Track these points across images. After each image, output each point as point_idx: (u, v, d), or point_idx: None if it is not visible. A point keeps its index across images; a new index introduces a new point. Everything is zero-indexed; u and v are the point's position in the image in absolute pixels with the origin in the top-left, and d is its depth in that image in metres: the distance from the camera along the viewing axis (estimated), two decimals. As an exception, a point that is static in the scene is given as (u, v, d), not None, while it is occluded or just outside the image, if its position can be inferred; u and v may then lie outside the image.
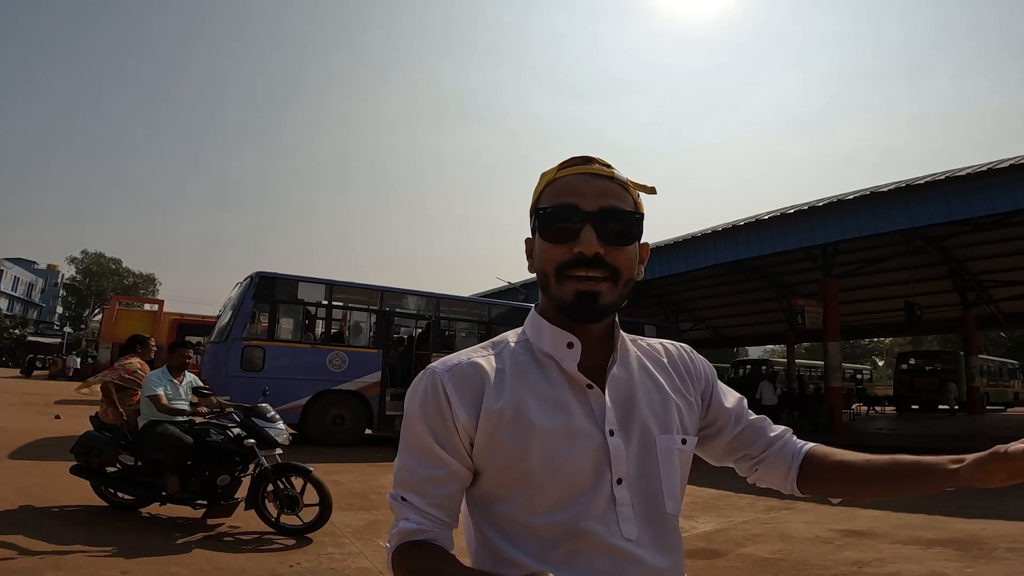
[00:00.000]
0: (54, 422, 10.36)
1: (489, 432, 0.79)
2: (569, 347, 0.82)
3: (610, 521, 0.78)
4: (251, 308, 9.15)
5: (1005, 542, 4.17)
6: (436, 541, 0.78)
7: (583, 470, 0.79)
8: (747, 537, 4.63)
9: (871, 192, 10.43)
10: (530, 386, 0.81)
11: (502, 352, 0.86)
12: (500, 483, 0.80)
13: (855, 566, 3.80)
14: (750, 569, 3.81)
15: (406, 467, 0.81)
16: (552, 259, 0.80)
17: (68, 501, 4.73)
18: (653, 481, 0.82)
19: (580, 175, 0.82)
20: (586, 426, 0.80)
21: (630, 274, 0.82)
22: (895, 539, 4.45)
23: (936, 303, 20.90)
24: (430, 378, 0.82)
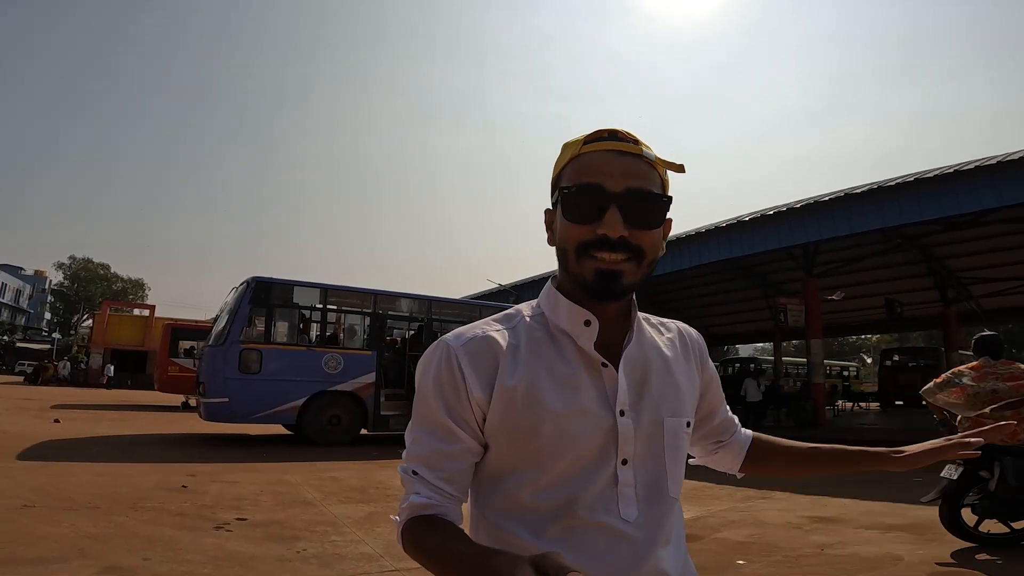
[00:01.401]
0: (54, 426, 10.53)
1: (502, 409, 0.79)
2: (586, 325, 0.81)
3: (610, 501, 0.79)
4: (248, 312, 9.37)
5: (958, 525, 4.49)
6: (446, 515, 0.79)
7: (589, 450, 0.79)
8: (723, 523, 4.94)
9: (845, 193, 10.83)
10: (544, 364, 0.81)
11: (516, 327, 0.85)
12: (508, 459, 0.81)
13: (818, 548, 4.12)
14: (723, 551, 4.11)
15: (418, 441, 0.81)
16: (574, 238, 0.79)
17: (79, 496, 4.96)
18: (658, 464, 0.83)
19: (607, 152, 0.79)
20: (597, 405, 0.80)
21: (654, 254, 0.81)
22: (859, 524, 4.78)
23: (917, 300, 21.41)
24: (444, 351, 0.81)
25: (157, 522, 4.29)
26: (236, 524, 4.35)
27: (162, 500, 5.01)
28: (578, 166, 0.80)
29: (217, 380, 9.04)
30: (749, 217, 12.55)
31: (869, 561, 3.74)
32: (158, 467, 6.72)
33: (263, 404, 9.14)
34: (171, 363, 17.86)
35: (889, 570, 3.54)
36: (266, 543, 3.94)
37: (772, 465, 1.03)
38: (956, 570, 3.48)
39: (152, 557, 3.45)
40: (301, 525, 4.43)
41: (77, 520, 4.20)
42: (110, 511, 4.52)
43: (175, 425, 12.11)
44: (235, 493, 5.49)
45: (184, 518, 4.46)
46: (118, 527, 4.09)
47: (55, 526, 4.01)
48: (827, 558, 3.87)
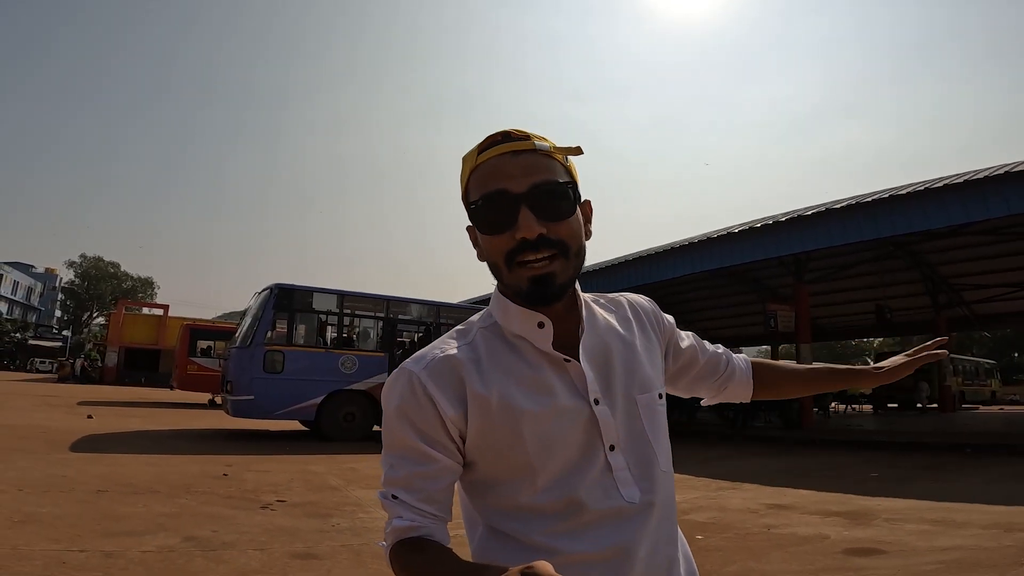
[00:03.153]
0: (89, 421, 11.40)
1: (479, 424, 0.80)
2: (540, 327, 0.82)
3: (609, 487, 0.80)
4: (272, 316, 10.24)
5: (888, 514, 5.26)
6: (431, 536, 0.79)
7: (576, 444, 0.80)
8: (693, 508, 5.73)
9: (827, 208, 11.61)
10: (509, 371, 0.82)
11: (473, 340, 0.85)
12: (498, 470, 0.81)
13: (765, 528, 4.90)
14: (686, 529, 4.74)
15: (394, 466, 0.81)
16: (498, 249, 0.80)
17: (139, 482, 5.78)
18: (643, 442, 0.85)
19: (502, 156, 0.80)
20: (572, 401, 0.81)
21: (578, 243, 0.81)
22: (806, 511, 5.56)
23: (909, 305, 22.08)
24: (406, 378, 0.81)
25: (212, 503, 5.12)
26: (278, 505, 5.17)
27: (209, 486, 5.84)
28: (479, 177, 0.81)
29: (244, 379, 9.90)
30: (739, 229, 13.32)
31: (801, 539, 4.52)
32: (197, 458, 7.56)
33: (285, 401, 9.99)
34: (190, 362, 18.76)
35: (813, 545, 4.32)
36: (305, 519, 4.76)
37: (778, 388, 1.12)
38: (865, 547, 4.26)
39: (219, 529, 4.27)
40: (331, 505, 5.25)
41: (147, 502, 5.03)
42: (170, 495, 5.35)
43: (199, 421, 12.99)
44: (270, 480, 6.32)
45: (233, 500, 5.29)
46: (182, 507, 4.92)
47: (131, 507, 4.84)
48: (770, 536, 4.66)
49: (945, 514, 5.15)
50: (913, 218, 10.57)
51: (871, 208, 11.07)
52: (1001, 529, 4.57)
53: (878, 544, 4.27)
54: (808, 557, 4.01)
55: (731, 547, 4.33)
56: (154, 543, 3.86)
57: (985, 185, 9.82)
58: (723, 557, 4.06)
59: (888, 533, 4.60)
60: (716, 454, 10.52)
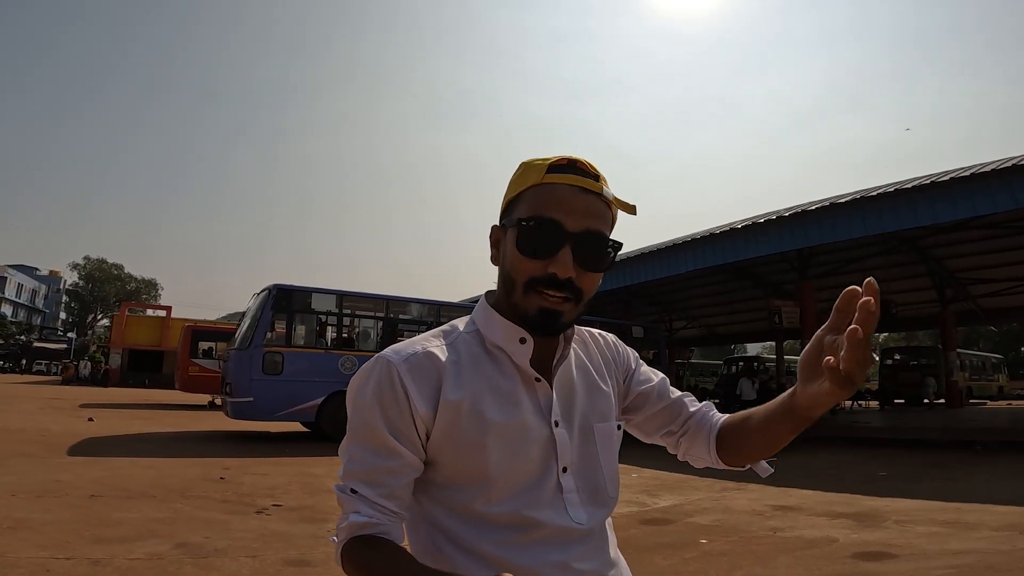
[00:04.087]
0: (90, 424, 11.34)
1: (447, 424, 0.80)
2: (522, 343, 0.84)
3: (559, 507, 0.82)
4: (270, 317, 10.15)
5: (897, 515, 5.14)
6: (387, 535, 0.78)
7: (533, 460, 0.82)
8: (696, 510, 5.62)
9: (831, 203, 11.45)
10: (485, 379, 0.83)
11: (455, 342, 0.86)
12: (456, 474, 0.82)
13: (771, 531, 4.79)
14: (689, 532, 4.79)
15: (356, 458, 0.80)
16: (525, 271, 0.80)
17: (135, 487, 5.70)
18: (595, 468, 0.87)
19: (570, 187, 0.80)
20: (535, 419, 0.84)
21: (591, 295, 0.84)
22: (812, 512, 5.44)
23: (915, 300, 21.86)
24: (385, 367, 0.81)
25: (207, 508, 5.04)
26: (273, 509, 5.08)
27: (206, 490, 5.76)
28: (539, 195, 0.81)
29: (243, 381, 9.82)
30: (742, 224, 13.17)
31: (808, 542, 4.41)
32: (195, 461, 7.48)
33: (285, 403, 9.91)
34: (191, 363, 18.71)
35: (822, 549, 4.20)
36: (301, 524, 4.67)
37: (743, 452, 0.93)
38: (875, 550, 4.14)
39: (211, 535, 4.18)
40: (328, 509, 5.15)
41: (141, 507, 4.95)
42: (165, 499, 5.27)
43: (201, 423, 12.93)
44: (267, 484, 6.23)
45: (229, 504, 5.21)
46: (176, 512, 4.83)
47: (125, 512, 4.76)
48: (776, 539, 4.54)
49: (956, 515, 5.03)
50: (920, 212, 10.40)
51: (877, 202, 10.91)
52: (1016, 531, 4.45)
53: (888, 547, 4.15)
54: (815, 562, 3.90)
55: (736, 551, 4.22)
56: (144, 550, 3.78)
57: (991, 178, 9.67)
58: (729, 562, 3.95)
59: (898, 535, 4.48)
60: (721, 453, 10.40)
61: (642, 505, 5.89)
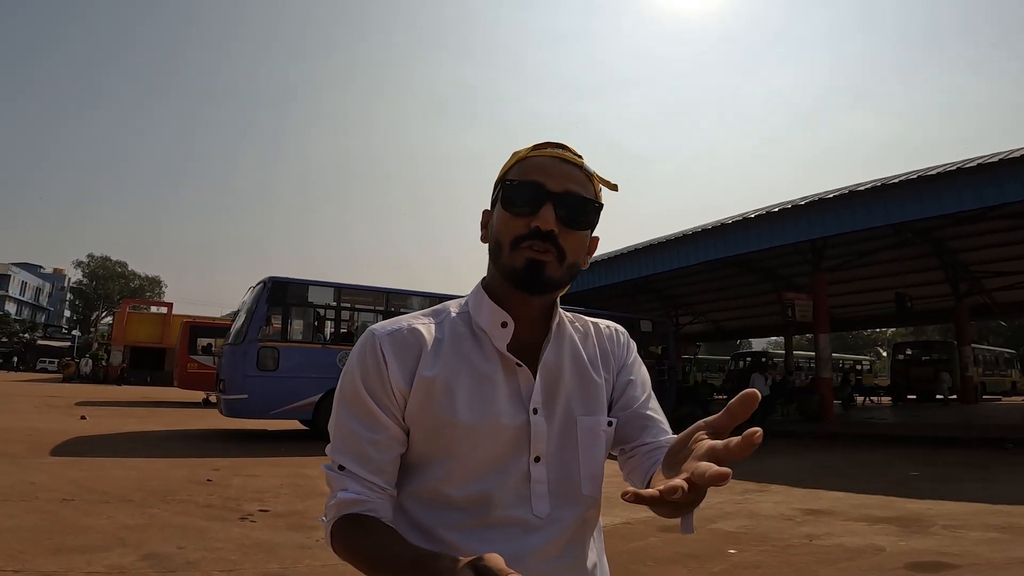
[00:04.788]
0: (81, 422, 10.97)
1: (420, 398, 0.81)
2: (503, 326, 0.84)
3: (523, 497, 0.81)
4: (265, 311, 9.71)
5: (943, 520, 4.70)
6: (376, 512, 0.79)
7: (502, 445, 0.81)
8: (719, 515, 5.18)
9: (850, 191, 10.96)
10: (463, 358, 0.84)
11: (443, 321, 0.88)
12: (424, 450, 0.82)
13: (806, 539, 4.34)
14: (715, 540, 4.35)
15: (343, 431, 0.81)
16: (510, 231, 0.83)
17: (113, 490, 5.30)
18: (571, 462, 0.85)
19: (552, 158, 0.85)
20: (510, 404, 0.83)
21: (575, 258, 0.85)
22: (848, 517, 4.99)
23: (929, 294, 21.36)
24: (370, 340, 0.83)
25: (187, 513, 4.62)
26: (259, 515, 4.66)
27: (190, 493, 5.34)
28: (524, 167, 0.85)
29: (236, 377, 9.39)
30: (755, 214, 12.70)
31: (852, 551, 3.96)
32: (184, 462, 7.08)
33: (281, 400, 9.48)
34: (190, 360, 18.33)
35: (869, 560, 3.76)
36: (287, 532, 4.25)
37: None
38: (930, 560, 3.70)
39: (186, 545, 3.76)
40: (319, 515, 4.73)
41: (114, 512, 4.54)
42: (144, 503, 4.85)
43: (196, 421, 12.54)
44: (257, 486, 5.82)
45: (212, 509, 4.79)
46: (152, 518, 4.42)
47: (95, 518, 4.34)
48: (813, 548, 4.10)
49: (1009, 519, 4.58)
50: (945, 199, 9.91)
51: (900, 189, 10.43)
52: (1081, 537, 4.00)
53: (943, 556, 3.71)
54: (865, 575, 3.45)
55: (771, 563, 3.78)
56: (106, 562, 3.36)
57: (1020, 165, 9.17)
58: (764, 575, 3.51)
59: (951, 543, 4.03)
60: (736, 451, 9.95)
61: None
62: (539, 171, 0.84)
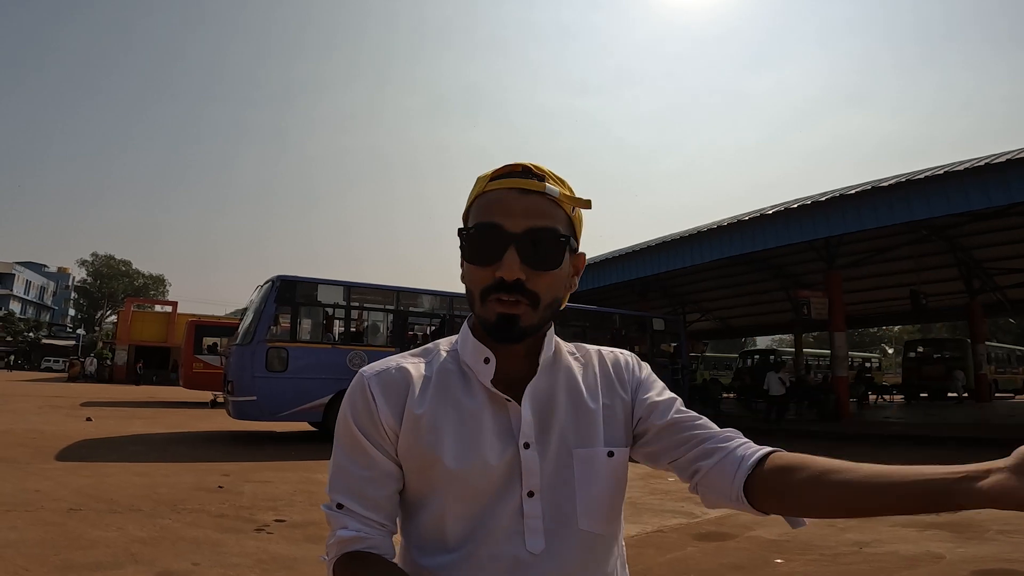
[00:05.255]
0: (87, 424, 10.77)
1: (409, 436, 0.80)
2: (486, 362, 0.83)
3: (515, 534, 0.78)
4: (273, 311, 9.49)
5: (997, 524, 4.46)
6: (376, 549, 0.78)
7: (492, 481, 0.79)
8: (755, 522, 4.92)
9: (872, 187, 10.68)
10: (450, 396, 0.83)
11: (431, 360, 0.87)
12: (417, 488, 0.82)
13: (855, 547, 4.11)
14: (757, 549, 4.12)
15: (340, 470, 0.81)
16: (478, 282, 0.80)
17: (121, 498, 5.08)
18: (567, 495, 0.81)
19: (509, 190, 0.79)
20: (499, 439, 0.81)
21: (552, 297, 0.81)
22: (894, 522, 4.75)
23: (942, 291, 21.07)
24: (359, 381, 0.83)
25: (199, 524, 4.40)
26: (275, 526, 4.44)
27: (201, 502, 5.13)
28: (481, 204, 0.81)
29: (245, 378, 9.18)
30: (772, 210, 12.43)
31: (909, 559, 3.73)
32: (193, 467, 6.86)
33: (290, 402, 9.27)
34: (196, 360, 18.14)
35: (930, 568, 3.53)
36: (307, 544, 4.02)
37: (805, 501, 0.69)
38: (996, 568, 3.46)
39: (201, 561, 3.54)
40: (338, 526, 4.51)
41: (124, 523, 4.32)
42: (153, 513, 4.64)
43: (204, 422, 12.34)
44: (269, 493, 5.60)
45: (225, 520, 4.57)
46: (163, 530, 4.20)
47: (104, 530, 4.12)
48: (865, 556, 3.87)
49: (1067, 528, 4.33)
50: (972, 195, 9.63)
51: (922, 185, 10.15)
52: None
53: (1010, 564, 3.49)
54: (931, 592, 3.22)
55: (824, 573, 3.55)
56: (117, 583, 3.14)
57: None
58: (821, 592, 3.28)
59: (1012, 549, 3.80)
60: (756, 452, 9.71)
61: (690, 516, 5.22)
62: (496, 210, 0.79)
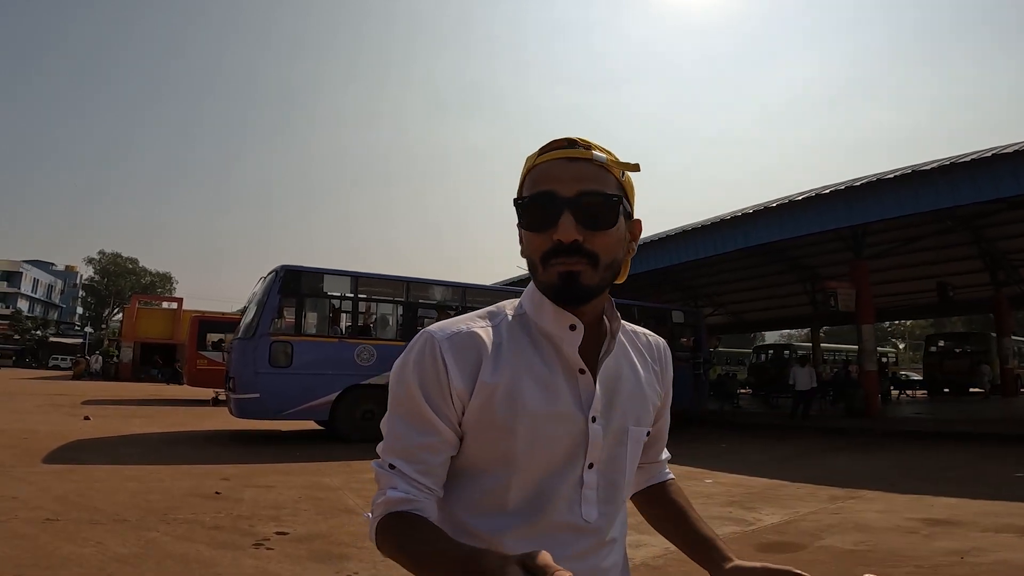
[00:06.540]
0: (84, 424, 10.28)
1: (481, 404, 0.79)
2: (572, 329, 0.82)
3: (574, 503, 0.81)
4: (277, 302, 8.94)
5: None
6: (422, 511, 0.77)
7: (561, 452, 0.81)
8: (821, 528, 4.37)
9: (913, 170, 10.01)
10: (526, 364, 0.81)
11: (500, 324, 0.85)
12: (481, 455, 0.81)
13: (954, 556, 3.53)
14: (836, 561, 3.55)
15: (396, 433, 0.80)
16: (536, 248, 0.80)
17: (107, 506, 4.56)
18: (619, 469, 0.86)
19: (558, 160, 0.80)
20: (572, 410, 0.81)
21: (611, 257, 0.81)
22: (984, 527, 4.18)
23: (966, 283, 20.36)
24: (428, 342, 0.80)
25: (191, 538, 3.85)
26: (276, 540, 3.88)
27: (195, 510, 4.58)
28: (533, 177, 0.82)
29: (247, 375, 8.64)
30: (802, 196, 11.77)
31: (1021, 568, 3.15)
32: (190, 469, 6.33)
33: (295, 399, 8.73)
34: (199, 356, 17.65)
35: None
36: (312, 563, 3.47)
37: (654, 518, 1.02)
38: None
39: (188, 584, 2.99)
40: (347, 539, 3.95)
41: (104, 536, 3.78)
42: (140, 525, 4.09)
43: (205, 421, 11.84)
44: (272, 500, 5.06)
45: (220, 532, 4.01)
46: (149, 545, 3.65)
47: (80, 545, 3.59)
48: (971, 568, 3.30)
49: None
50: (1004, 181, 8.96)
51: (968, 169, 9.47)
52: None
53: None
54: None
55: (931, 603, 2.97)
56: (83, 617, 2.59)
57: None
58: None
59: None
60: (792, 451, 9.12)
61: (744, 523, 4.64)
62: (548, 179, 0.80)
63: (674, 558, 3.79)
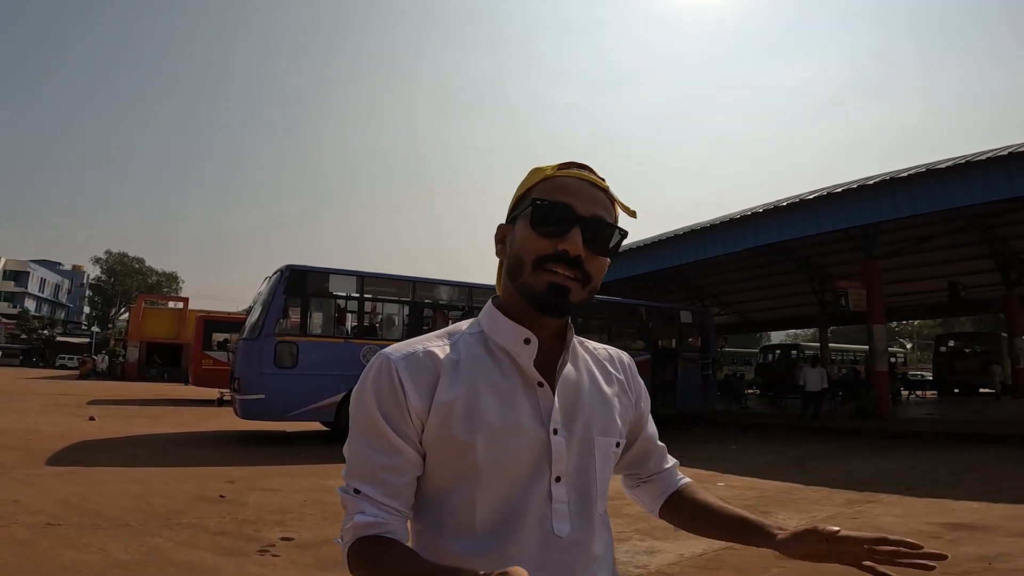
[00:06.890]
0: (89, 424, 10.23)
1: (440, 421, 0.79)
2: (526, 343, 0.82)
3: (545, 518, 0.80)
4: (283, 302, 8.87)
5: None
6: (392, 534, 0.77)
7: (524, 466, 0.80)
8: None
9: (927, 169, 9.86)
10: (484, 378, 0.82)
11: (457, 343, 0.85)
12: (443, 473, 0.80)
13: (982, 562, 3.42)
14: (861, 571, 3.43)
15: (358, 455, 0.80)
16: (534, 250, 0.81)
17: (109, 510, 4.48)
18: (589, 481, 0.84)
19: (579, 179, 0.83)
20: (532, 423, 0.81)
21: (597, 282, 0.83)
22: (1009, 532, 4.06)
23: (977, 283, 20.15)
24: (384, 364, 0.81)
25: (195, 544, 3.76)
26: (282, 546, 3.79)
27: (199, 514, 4.50)
28: (552, 185, 0.83)
29: (252, 375, 8.57)
30: (813, 195, 11.64)
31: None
32: (194, 472, 6.24)
33: (300, 400, 8.65)
34: (205, 356, 17.61)
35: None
36: (318, 572, 3.38)
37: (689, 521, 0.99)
38: None
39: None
40: (356, 545, 3.86)
41: (106, 542, 3.69)
42: (143, 530, 4.00)
43: (210, 422, 11.77)
44: (277, 504, 4.97)
45: (224, 538, 3.92)
46: (151, 552, 3.56)
47: (81, 551, 3.50)
48: (1001, 574, 3.17)
49: None
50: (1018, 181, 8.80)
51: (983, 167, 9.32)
52: None
53: None
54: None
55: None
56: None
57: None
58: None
59: None
60: (804, 452, 8.98)
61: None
62: (567, 192, 0.82)
63: (689, 564, 3.69)
